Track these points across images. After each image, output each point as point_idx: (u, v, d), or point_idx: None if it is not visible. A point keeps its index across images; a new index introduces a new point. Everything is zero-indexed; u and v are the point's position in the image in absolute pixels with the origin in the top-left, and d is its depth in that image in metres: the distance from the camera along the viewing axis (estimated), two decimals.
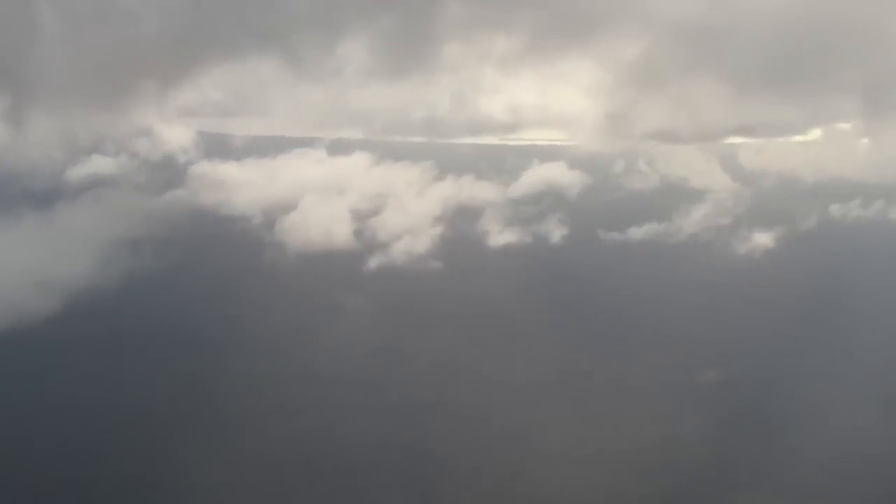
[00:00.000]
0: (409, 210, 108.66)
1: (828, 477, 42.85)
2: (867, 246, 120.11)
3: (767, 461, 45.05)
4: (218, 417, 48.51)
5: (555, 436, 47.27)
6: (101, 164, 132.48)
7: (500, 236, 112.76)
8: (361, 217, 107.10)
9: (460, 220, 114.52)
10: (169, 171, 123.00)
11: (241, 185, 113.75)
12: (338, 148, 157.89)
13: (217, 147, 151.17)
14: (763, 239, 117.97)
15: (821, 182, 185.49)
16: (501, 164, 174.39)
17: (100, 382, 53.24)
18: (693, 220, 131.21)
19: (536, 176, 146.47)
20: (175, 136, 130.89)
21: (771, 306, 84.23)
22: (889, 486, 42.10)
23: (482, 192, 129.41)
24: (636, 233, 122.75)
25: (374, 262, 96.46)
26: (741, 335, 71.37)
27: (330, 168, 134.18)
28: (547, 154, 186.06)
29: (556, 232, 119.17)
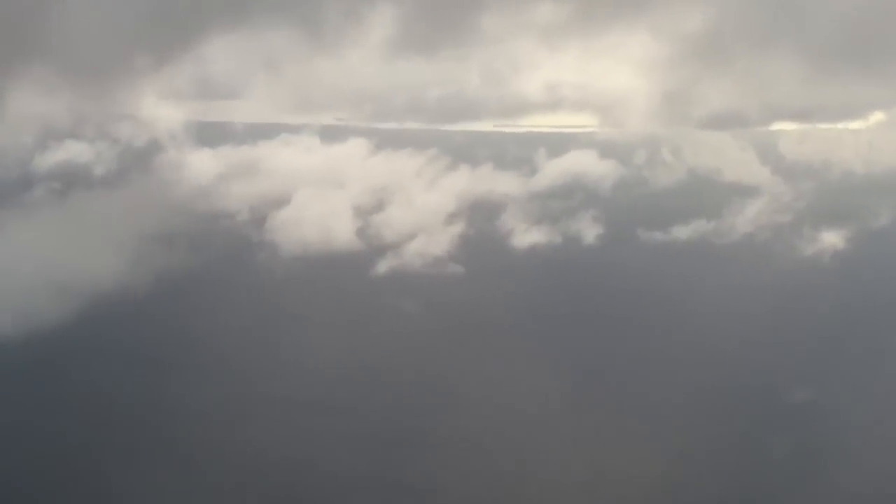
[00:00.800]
0: (420, 205, 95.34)
1: None
2: None
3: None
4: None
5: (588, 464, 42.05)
6: (74, 151, 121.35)
7: (526, 235, 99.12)
8: (366, 213, 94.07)
9: (479, 217, 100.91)
10: (147, 160, 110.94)
11: (226, 177, 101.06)
12: (336, 133, 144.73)
13: (209, 133, 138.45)
14: (832, 238, 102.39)
15: (875, 174, 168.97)
16: (527, 152, 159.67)
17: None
18: (747, 217, 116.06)
19: (565, 166, 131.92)
20: (164, 119, 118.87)
21: (847, 315, 72.41)
22: None
23: (504, 184, 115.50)
24: (682, 231, 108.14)
25: (382, 266, 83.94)
26: (815, 349, 62.32)
27: (329, 157, 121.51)
28: (579, 142, 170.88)
29: (589, 231, 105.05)
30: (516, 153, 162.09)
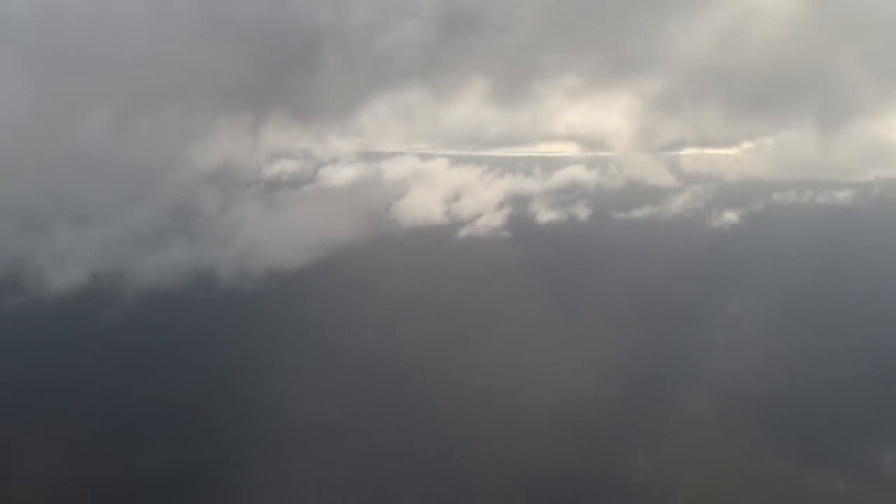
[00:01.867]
0: (482, 198, 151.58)
1: None
2: (803, 220, 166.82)
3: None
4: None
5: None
6: (288, 166, 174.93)
7: (545, 216, 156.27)
8: (450, 202, 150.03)
9: (517, 205, 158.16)
10: (329, 173, 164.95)
11: (370, 181, 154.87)
12: (431, 155, 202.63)
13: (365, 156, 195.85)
14: (730, 217, 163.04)
15: (746, 182, 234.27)
16: (545, 166, 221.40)
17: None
18: (677, 204, 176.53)
19: (567, 174, 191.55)
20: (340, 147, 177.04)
21: (741, 262, 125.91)
22: None
23: (530, 185, 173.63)
24: (638, 213, 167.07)
25: (461, 234, 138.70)
26: (720, 285, 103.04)
27: (429, 170, 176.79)
28: (575, 160, 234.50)
29: (582, 213, 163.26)
30: (538, 167, 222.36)
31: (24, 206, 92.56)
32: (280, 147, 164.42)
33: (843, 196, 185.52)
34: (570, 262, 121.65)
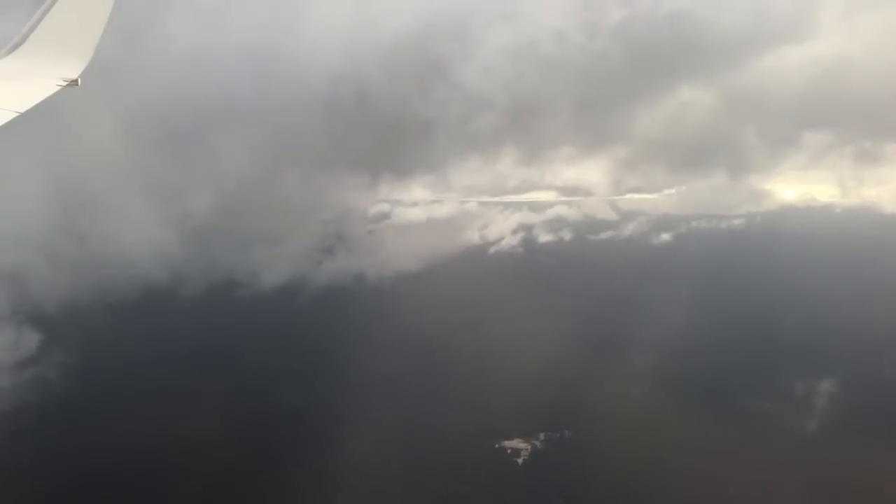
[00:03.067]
0: (500, 227, 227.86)
1: None
2: (713, 238, 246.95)
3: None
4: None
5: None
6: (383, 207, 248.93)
7: (543, 238, 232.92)
8: (480, 230, 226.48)
9: (526, 232, 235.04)
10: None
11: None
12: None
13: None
14: (665, 237, 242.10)
15: (672, 216, 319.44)
16: (541, 206, 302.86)
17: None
18: (629, 229, 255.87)
19: (555, 212, 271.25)
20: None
21: (678, 266, 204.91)
22: None
23: (533, 218, 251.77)
24: (605, 235, 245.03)
25: (492, 250, 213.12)
26: (666, 280, 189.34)
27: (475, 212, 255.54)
28: (555, 203, 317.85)
29: (567, 236, 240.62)
30: (537, 207, 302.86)
31: (242, 231, 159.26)
32: (380, 193, 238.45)
33: (737, 223, 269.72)
34: (561, 268, 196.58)
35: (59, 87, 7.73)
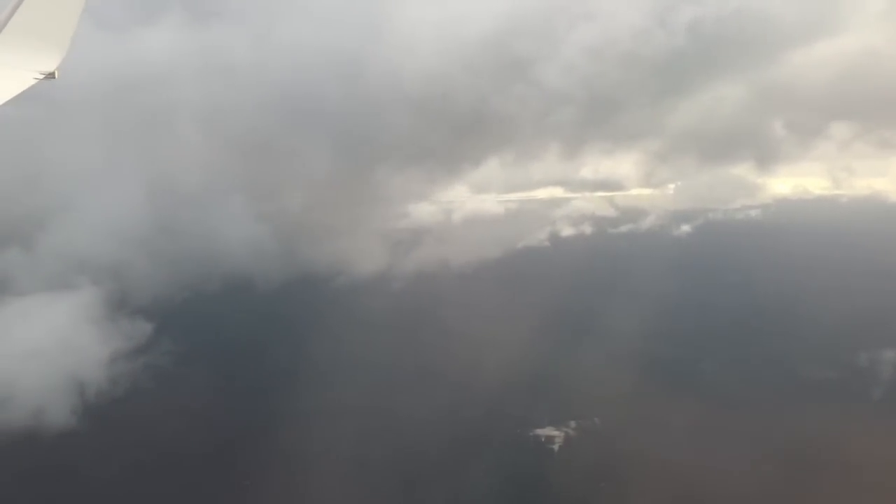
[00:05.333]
0: (525, 219, 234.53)
1: None
2: (730, 227, 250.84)
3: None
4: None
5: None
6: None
7: (566, 232, 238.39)
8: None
9: (550, 226, 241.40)
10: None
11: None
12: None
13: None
14: (686, 228, 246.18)
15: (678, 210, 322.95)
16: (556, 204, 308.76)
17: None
18: (648, 221, 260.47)
19: (576, 205, 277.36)
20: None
21: (693, 258, 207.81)
22: None
23: (555, 214, 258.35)
24: (624, 227, 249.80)
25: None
26: (682, 273, 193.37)
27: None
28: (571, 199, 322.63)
29: (587, 229, 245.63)
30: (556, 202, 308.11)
31: (330, 225, 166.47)
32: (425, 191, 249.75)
33: (754, 213, 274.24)
34: (583, 259, 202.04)
35: (37, 81, 7.72)
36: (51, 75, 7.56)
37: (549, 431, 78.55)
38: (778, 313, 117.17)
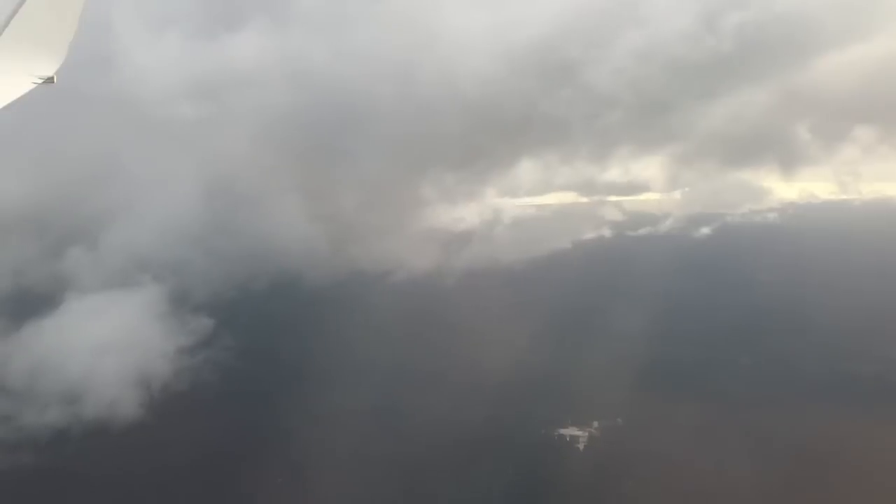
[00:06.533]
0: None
1: None
2: (749, 230, 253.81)
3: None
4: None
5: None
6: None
7: (586, 236, 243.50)
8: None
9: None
10: None
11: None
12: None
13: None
14: (705, 230, 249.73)
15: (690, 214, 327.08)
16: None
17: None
18: (666, 225, 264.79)
19: (591, 210, 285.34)
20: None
21: (712, 257, 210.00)
22: None
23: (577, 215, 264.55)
24: (644, 230, 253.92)
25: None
26: (703, 274, 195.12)
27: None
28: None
29: (607, 231, 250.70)
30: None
31: (381, 225, 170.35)
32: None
33: (771, 216, 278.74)
34: (607, 262, 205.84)
35: (35, 85, 7.62)
36: (49, 80, 7.45)
37: (573, 431, 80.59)
38: (804, 315, 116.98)
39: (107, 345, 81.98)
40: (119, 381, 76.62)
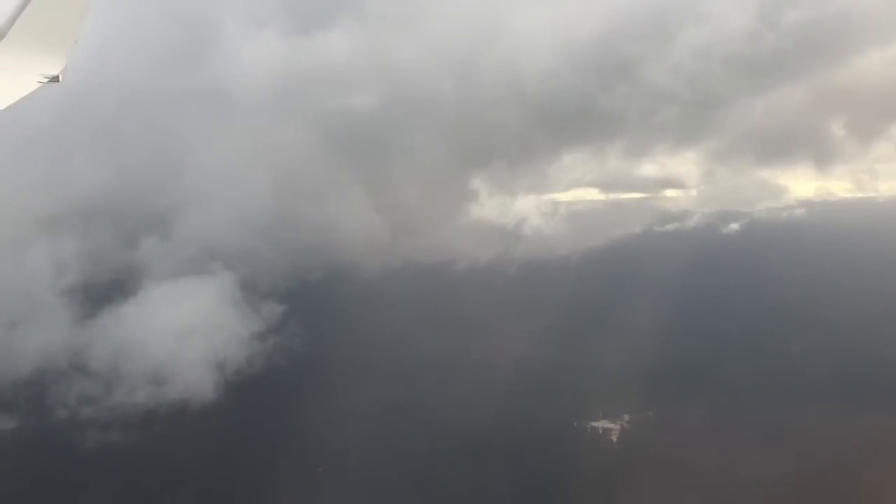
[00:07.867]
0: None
1: None
2: (773, 225, 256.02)
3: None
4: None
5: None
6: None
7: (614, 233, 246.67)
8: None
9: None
10: None
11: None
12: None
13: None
14: (734, 226, 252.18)
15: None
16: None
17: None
18: (694, 220, 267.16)
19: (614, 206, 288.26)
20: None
21: (740, 251, 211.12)
22: None
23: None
24: (669, 226, 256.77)
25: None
26: (728, 268, 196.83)
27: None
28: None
29: (637, 228, 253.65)
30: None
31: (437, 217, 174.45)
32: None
33: (798, 212, 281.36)
34: (641, 258, 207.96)
35: (41, 84, 7.12)
36: (55, 79, 7.33)
37: (605, 424, 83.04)
38: (835, 312, 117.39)
39: (186, 330, 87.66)
40: (199, 364, 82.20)
